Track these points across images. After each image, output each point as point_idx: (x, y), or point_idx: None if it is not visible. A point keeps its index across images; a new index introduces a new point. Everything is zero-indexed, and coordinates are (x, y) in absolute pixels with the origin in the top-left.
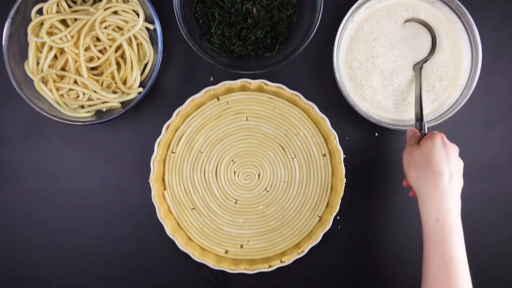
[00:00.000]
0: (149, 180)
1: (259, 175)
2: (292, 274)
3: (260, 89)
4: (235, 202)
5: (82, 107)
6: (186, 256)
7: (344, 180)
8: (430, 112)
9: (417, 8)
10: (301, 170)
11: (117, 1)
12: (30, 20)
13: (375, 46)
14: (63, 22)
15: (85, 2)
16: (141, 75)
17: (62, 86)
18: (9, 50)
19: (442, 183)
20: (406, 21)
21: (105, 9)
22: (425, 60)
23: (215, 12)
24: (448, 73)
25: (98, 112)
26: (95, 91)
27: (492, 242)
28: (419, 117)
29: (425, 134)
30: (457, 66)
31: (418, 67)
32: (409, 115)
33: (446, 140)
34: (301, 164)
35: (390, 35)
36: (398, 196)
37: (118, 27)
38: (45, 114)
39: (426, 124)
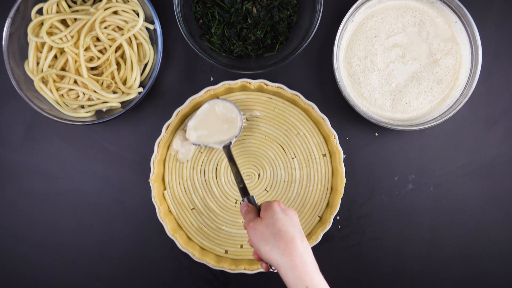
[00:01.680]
0: (149, 180)
1: (259, 175)
2: None
3: (260, 89)
4: (235, 202)
5: (82, 107)
6: (186, 256)
7: (344, 180)
8: (430, 112)
9: (424, 12)
10: (301, 170)
11: (117, 1)
12: (30, 20)
13: (375, 43)
14: (63, 22)
15: (85, 2)
16: (141, 75)
17: (62, 86)
18: (9, 50)
19: (299, 249)
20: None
21: (105, 9)
22: (231, 141)
23: (215, 12)
24: (448, 73)
25: (98, 112)
26: (95, 91)
27: (492, 241)
28: (246, 192)
29: (257, 206)
30: (457, 66)
31: (227, 147)
32: (407, 115)
33: (282, 205)
34: (301, 164)
35: (391, 34)
36: (398, 196)
37: (118, 27)
38: (45, 114)
39: (254, 196)
